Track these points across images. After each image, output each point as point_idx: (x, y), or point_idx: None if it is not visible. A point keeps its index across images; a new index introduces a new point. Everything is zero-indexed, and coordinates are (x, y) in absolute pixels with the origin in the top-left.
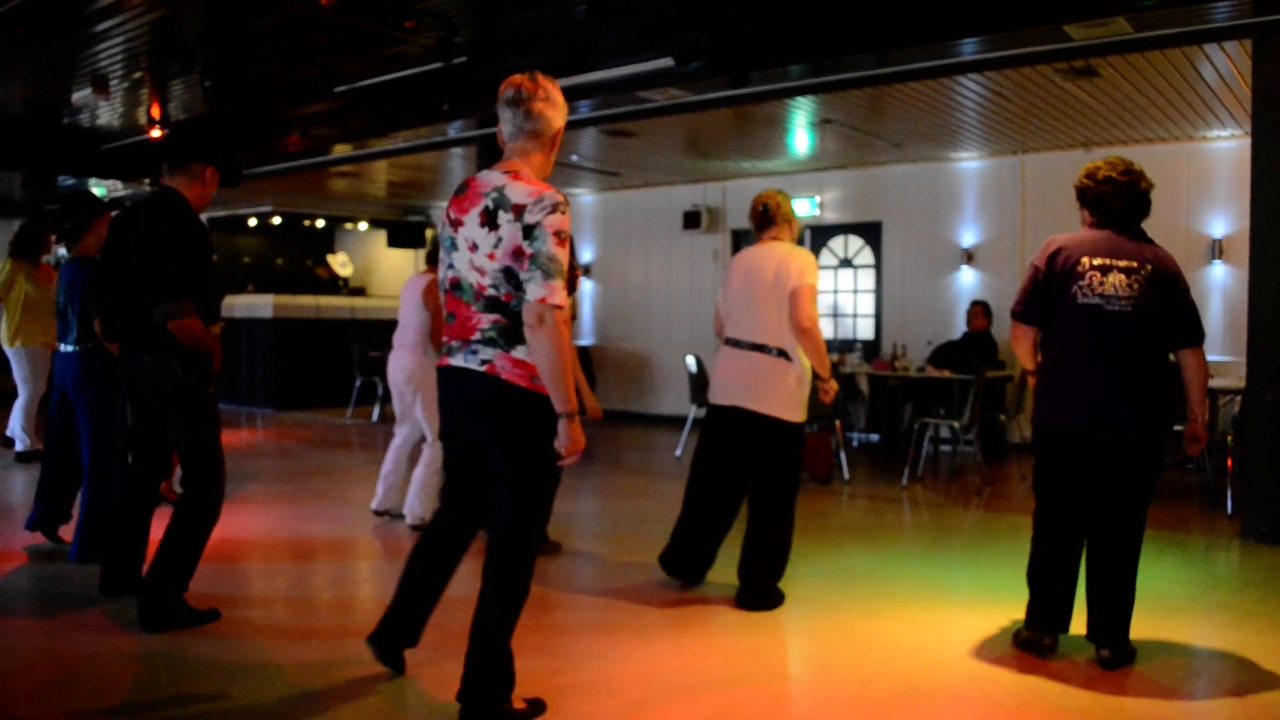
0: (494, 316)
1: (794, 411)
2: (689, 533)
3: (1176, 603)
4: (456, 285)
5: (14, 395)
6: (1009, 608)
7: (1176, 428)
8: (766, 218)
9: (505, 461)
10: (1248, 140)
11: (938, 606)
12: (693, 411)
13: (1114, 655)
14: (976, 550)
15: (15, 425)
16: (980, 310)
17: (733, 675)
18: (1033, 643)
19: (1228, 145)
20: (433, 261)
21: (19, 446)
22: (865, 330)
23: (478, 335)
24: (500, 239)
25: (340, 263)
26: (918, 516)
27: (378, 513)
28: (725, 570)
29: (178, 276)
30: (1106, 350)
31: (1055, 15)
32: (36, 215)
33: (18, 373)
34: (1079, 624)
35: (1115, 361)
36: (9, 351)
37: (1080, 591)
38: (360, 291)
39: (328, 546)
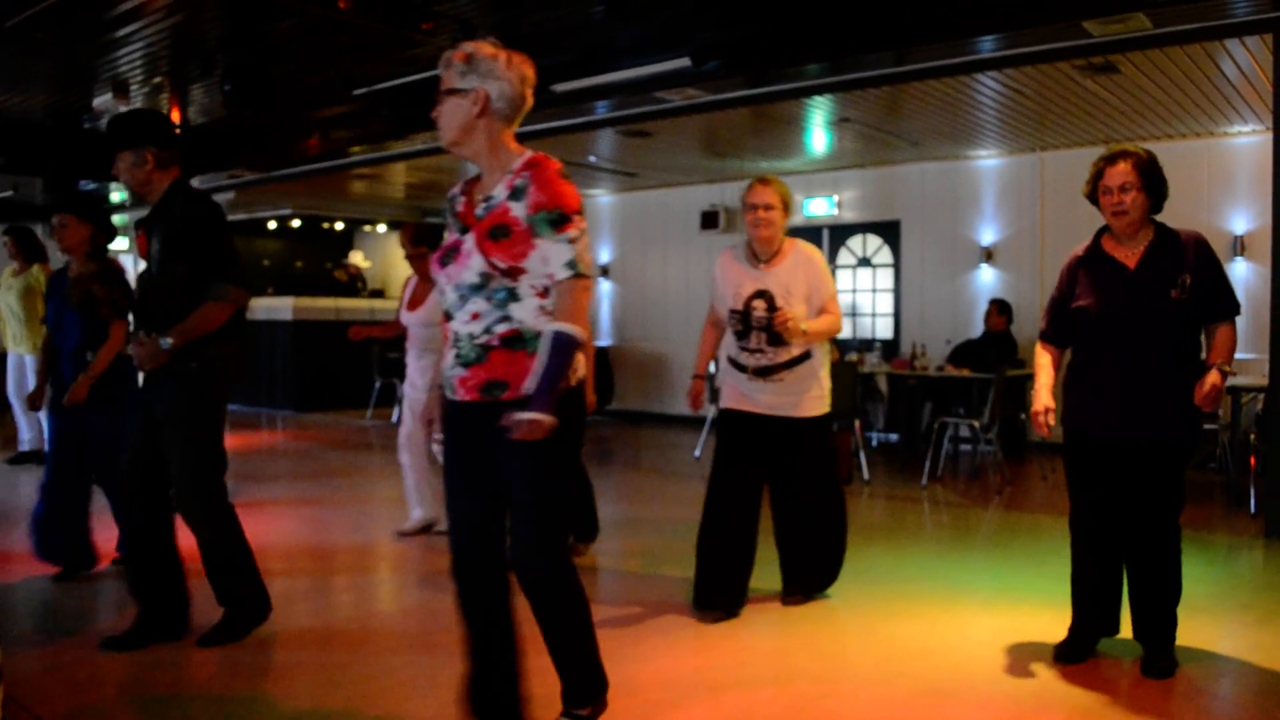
0: None
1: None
2: None
3: (1199, 603)
4: None
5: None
6: (1030, 608)
7: None
8: None
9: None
10: (1269, 135)
11: (959, 607)
12: (711, 412)
13: (1154, 662)
14: (997, 550)
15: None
16: (996, 309)
17: (753, 675)
18: (1065, 651)
19: (1249, 141)
20: None
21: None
22: (884, 329)
23: None
24: None
25: (360, 258)
26: (937, 516)
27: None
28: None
29: None
30: None
31: (1074, 11)
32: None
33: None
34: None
35: None
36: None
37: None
38: (379, 293)
39: (348, 549)
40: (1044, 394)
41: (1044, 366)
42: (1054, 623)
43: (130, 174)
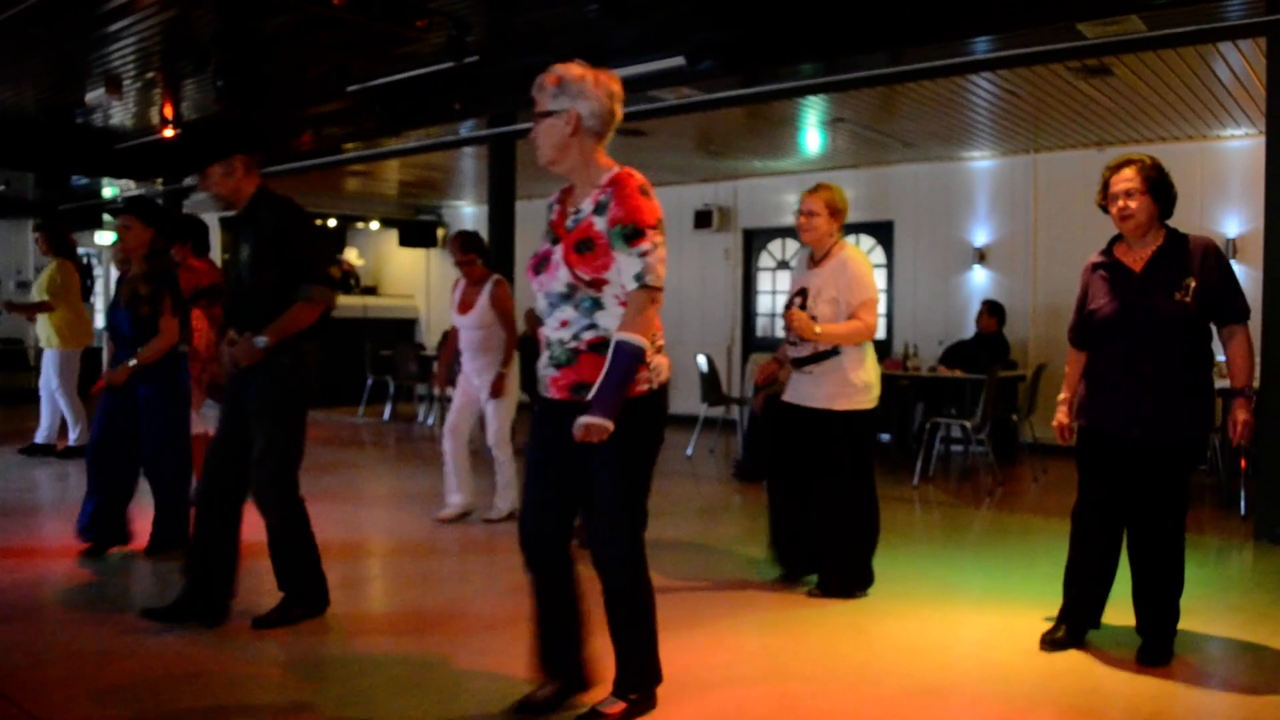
0: None
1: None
2: None
3: (1189, 604)
4: None
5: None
6: (1021, 607)
7: None
8: None
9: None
10: (1262, 139)
11: (949, 606)
12: (703, 411)
13: (1152, 651)
14: (988, 550)
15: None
16: (987, 310)
17: (744, 674)
18: (1052, 640)
19: (1242, 144)
20: None
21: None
22: (877, 329)
23: None
24: None
25: (354, 254)
26: (929, 516)
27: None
28: (733, 568)
29: None
30: None
31: (1068, 13)
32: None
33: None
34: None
35: None
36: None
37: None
38: (372, 290)
39: (339, 544)
40: (1062, 409)
41: (1067, 376)
42: (1044, 623)
43: (221, 184)
